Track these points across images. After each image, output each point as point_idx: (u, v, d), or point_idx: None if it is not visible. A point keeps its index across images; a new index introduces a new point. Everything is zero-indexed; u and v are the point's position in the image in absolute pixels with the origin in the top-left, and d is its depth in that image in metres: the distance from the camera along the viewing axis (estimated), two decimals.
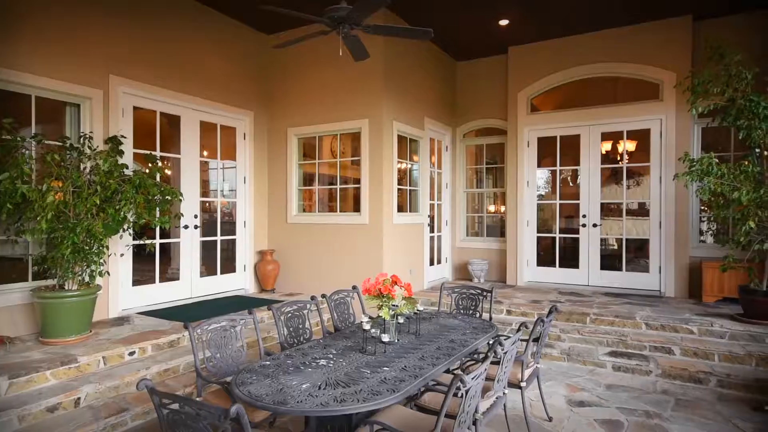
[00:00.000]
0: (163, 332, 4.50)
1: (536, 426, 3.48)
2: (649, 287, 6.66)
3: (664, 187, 6.48)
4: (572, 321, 5.46)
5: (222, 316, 3.10)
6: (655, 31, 6.46)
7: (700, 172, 4.89)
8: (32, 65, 4.46)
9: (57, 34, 4.67)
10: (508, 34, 7.07)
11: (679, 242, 6.42)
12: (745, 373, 4.24)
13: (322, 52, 6.60)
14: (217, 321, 3.03)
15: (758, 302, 4.82)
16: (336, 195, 6.90)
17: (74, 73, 4.78)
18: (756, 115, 4.68)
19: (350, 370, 2.57)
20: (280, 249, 7.05)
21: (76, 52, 4.81)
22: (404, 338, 3.24)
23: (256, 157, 7.03)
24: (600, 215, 7.03)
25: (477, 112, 8.16)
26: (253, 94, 6.94)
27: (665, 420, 3.60)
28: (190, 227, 5.99)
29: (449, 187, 8.30)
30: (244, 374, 2.52)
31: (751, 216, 4.65)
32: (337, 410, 2.09)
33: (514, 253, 7.54)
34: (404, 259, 6.68)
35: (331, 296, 3.98)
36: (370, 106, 6.31)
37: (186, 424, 1.76)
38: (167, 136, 5.97)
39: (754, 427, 3.47)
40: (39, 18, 4.53)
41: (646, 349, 4.80)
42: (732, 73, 4.84)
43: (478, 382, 2.20)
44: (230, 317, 3.12)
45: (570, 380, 4.45)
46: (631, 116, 6.71)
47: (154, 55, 5.55)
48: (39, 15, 4.53)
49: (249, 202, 6.91)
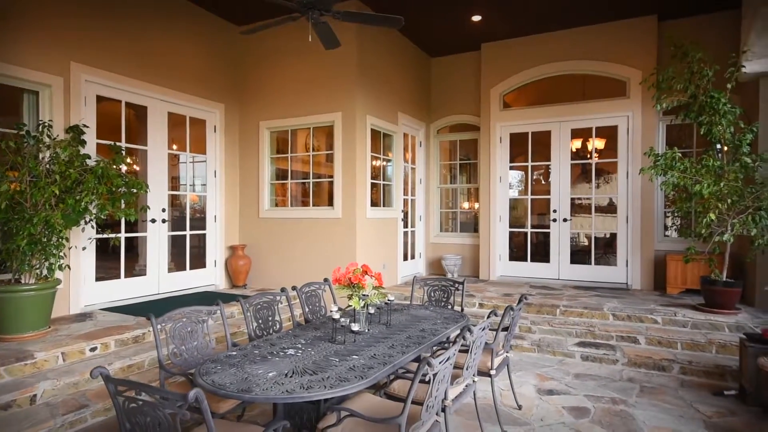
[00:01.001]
0: (128, 327, 4.36)
1: (506, 414, 3.51)
2: (616, 280, 6.83)
3: (631, 182, 6.65)
4: (543, 313, 5.54)
5: (188, 308, 3.01)
6: (623, 30, 6.62)
7: (664, 166, 5.04)
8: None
9: (12, 18, 4.46)
10: (480, 31, 7.13)
11: (644, 236, 6.59)
12: (706, 360, 4.38)
13: (294, 46, 6.52)
14: (182, 312, 2.94)
15: (718, 292, 4.99)
16: (309, 189, 6.83)
17: (32, 59, 4.57)
18: (716, 111, 4.84)
19: (318, 359, 2.53)
20: (252, 244, 6.93)
21: (34, 36, 4.61)
22: (375, 328, 3.22)
23: (227, 151, 6.90)
24: (570, 212, 7.17)
25: (451, 108, 8.21)
26: (224, 87, 6.80)
27: (630, 406, 3.68)
28: (157, 221, 5.82)
29: (423, 183, 8.32)
30: (209, 364, 2.45)
31: (711, 208, 4.81)
32: (303, 397, 2.05)
33: (486, 248, 7.61)
34: (378, 253, 6.66)
35: (302, 288, 3.93)
36: (343, 100, 6.27)
37: (143, 412, 1.69)
38: (133, 128, 5.79)
39: (714, 410, 3.59)
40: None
41: (613, 339, 4.91)
42: (694, 70, 5.00)
43: (446, 367, 2.19)
44: (196, 308, 3.04)
45: (540, 370, 4.51)
46: (599, 113, 6.86)
47: (120, 43, 5.37)
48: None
49: (220, 197, 6.77)
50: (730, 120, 4.86)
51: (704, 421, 3.41)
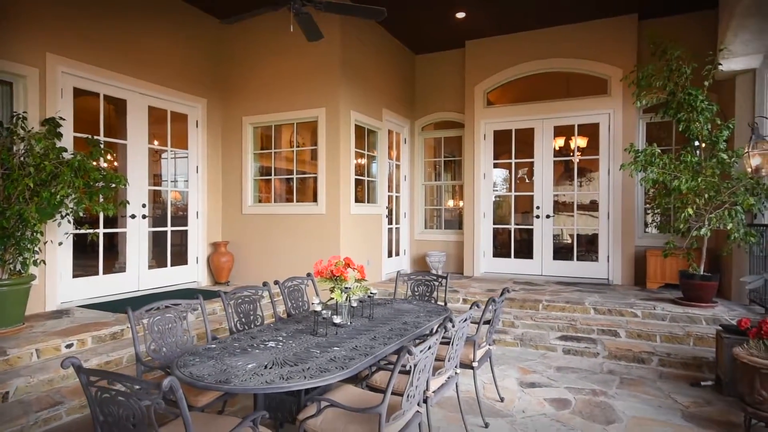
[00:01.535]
0: (106, 324, 4.27)
1: (488, 406, 3.52)
2: (598, 276, 6.92)
3: (612, 179, 6.74)
4: (525, 308, 5.58)
5: (167, 300, 2.96)
6: (604, 29, 6.71)
7: (644, 162, 5.11)
8: None
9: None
10: (465, 28, 7.15)
11: (625, 233, 6.69)
12: (684, 352, 4.46)
13: (277, 41, 6.47)
14: (161, 305, 2.89)
15: (696, 285, 5.09)
16: (293, 185, 6.78)
17: (5, 49, 4.45)
18: (694, 108, 4.93)
19: (299, 351, 2.51)
20: (235, 240, 6.85)
21: (8, 26, 4.48)
22: (357, 321, 3.20)
23: (210, 146, 6.81)
24: (554, 210, 7.24)
25: (435, 105, 8.23)
26: (207, 81, 6.72)
27: (610, 397, 3.73)
28: (137, 216, 5.72)
29: (408, 180, 8.32)
30: (187, 357, 2.41)
31: (689, 203, 4.89)
32: (282, 387, 2.03)
33: (471, 244, 7.65)
34: (362, 249, 6.64)
35: (285, 283, 3.89)
36: (328, 95, 6.23)
37: (117, 402, 1.65)
38: (113, 122, 5.68)
39: (691, 401, 3.65)
40: None
41: (594, 333, 4.97)
42: (673, 67, 5.08)
43: (426, 356, 2.19)
44: (176, 301, 2.99)
45: (522, 364, 4.54)
46: (581, 110, 6.94)
47: (98, 35, 5.26)
48: None
49: (202, 193, 6.68)
50: (708, 117, 4.95)
51: (681, 411, 3.47)
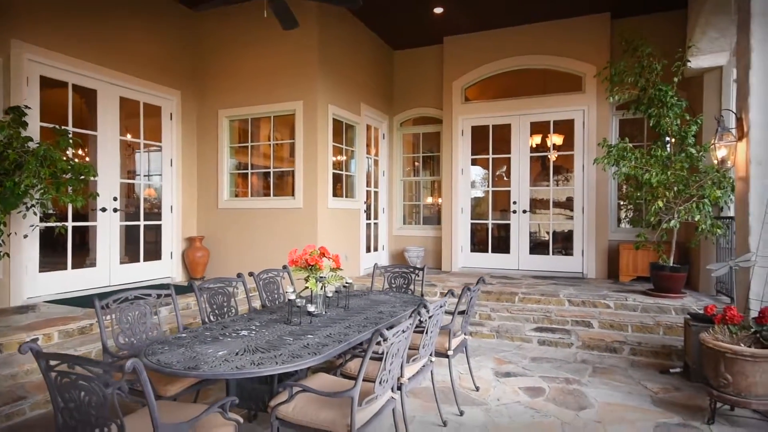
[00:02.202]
0: (74, 318, 4.15)
1: (463, 395, 3.54)
2: (573, 269, 7.03)
3: (586, 175, 6.87)
4: (502, 300, 5.64)
5: (137, 290, 2.89)
6: (578, 27, 6.82)
7: (616, 156, 5.22)
8: None
9: None
10: (443, 24, 7.19)
11: (599, 227, 6.82)
12: (654, 341, 4.56)
13: (254, 33, 6.38)
14: (130, 294, 2.82)
15: (665, 277, 5.22)
16: (270, 179, 6.70)
17: None
18: (664, 104, 5.06)
19: (272, 339, 2.48)
20: (211, 235, 6.74)
21: None
22: (332, 311, 3.18)
23: (185, 139, 6.68)
24: (531, 207, 7.33)
25: (414, 100, 8.24)
26: (181, 73, 6.58)
27: (583, 385, 3.79)
28: (108, 210, 5.57)
29: (386, 175, 8.32)
30: (156, 345, 2.36)
31: (660, 196, 5.02)
32: (253, 372, 2.00)
33: (449, 239, 7.69)
34: (340, 244, 6.61)
35: (260, 275, 3.84)
36: (305, 88, 6.18)
37: (77, 386, 1.60)
38: (83, 112, 5.51)
39: (661, 387, 3.74)
40: None
41: (569, 324, 5.05)
42: (644, 64, 5.20)
43: (399, 340, 2.18)
44: (145, 291, 2.92)
45: (498, 355, 4.58)
46: (556, 107, 7.05)
47: (67, 22, 5.10)
48: None
49: (176, 186, 6.55)
50: (677, 112, 5.09)
51: (651, 397, 3.55)
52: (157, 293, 2.99)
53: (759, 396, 2.95)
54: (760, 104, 3.32)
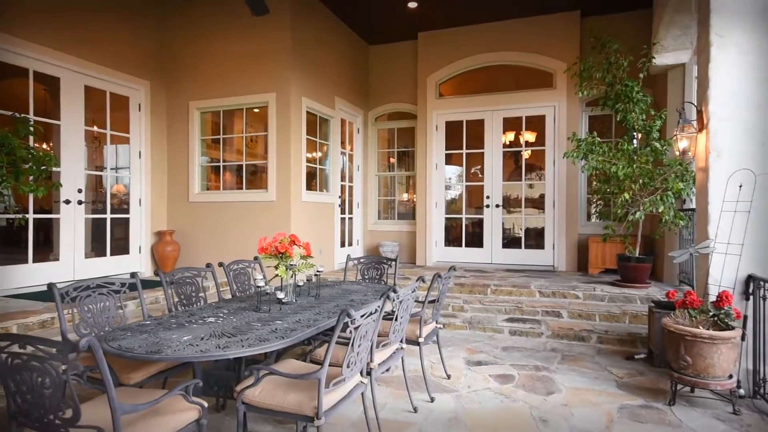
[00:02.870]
0: (34, 312, 4.00)
1: (435, 383, 3.56)
2: (544, 263, 7.16)
3: (557, 169, 7.00)
4: (475, 293, 5.70)
5: (99, 278, 2.80)
6: (549, 24, 6.95)
7: (585, 149, 5.34)
8: None
9: None
10: (417, 20, 7.21)
11: (569, 221, 6.97)
12: (620, 329, 4.69)
13: (225, 23, 6.29)
14: (92, 282, 2.73)
15: (631, 267, 5.37)
16: (243, 172, 6.60)
17: None
18: (630, 99, 5.20)
19: (240, 325, 2.44)
20: (181, 229, 6.60)
21: None
22: (303, 300, 3.16)
23: (154, 131, 6.52)
24: (504, 202, 7.43)
25: (389, 96, 8.25)
26: (150, 63, 6.42)
27: (551, 372, 3.86)
28: (72, 202, 5.39)
29: (361, 170, 8.31)
30: (118, 332, 2.29)
31: (626, 189, 5.16)
32: (218, 355, 1.96)
33: (423, 234, 7.73)
34: (314, 238, 6.55)
35: (230, 266, 3.78)
36: (278, 80, 6.11)
37: (29, 367, 1.54)
38: (46, 101, 5.32)
39: (626, 372, 3.85)
40: None
41: (539, 314, 5.14)
42: (611, 60, 5.33)
43: (367, 322, 2.18)
44: (109, 280, 2.84)
45: (470, 345, 4.63)
46: (528, 103, 7.16)
47: (27, 6, 4.91)
48: None
49: (145, 179, 6.39)
50: (642, 108, 5.23)
51: (616, 381, 3.64)
52: (121, 282, 2.91)
53: (716, 377, 3.06)
54: (719, 97, 3.44)
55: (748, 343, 3.26)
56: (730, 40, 3.39)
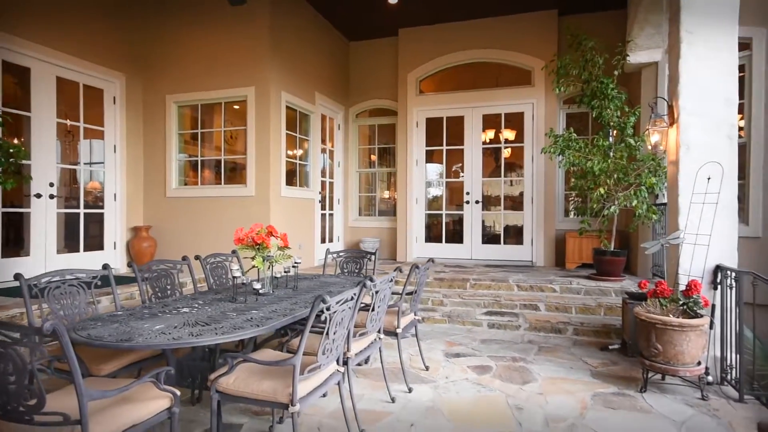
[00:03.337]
0: (2, 307, 3.88)
1: (413, 374, 3.58)
2: (523, 258, 7.25)
3: (535, 166, 7.10)
4: (454, 287, 5.74)
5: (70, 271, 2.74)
6: (528, 22, 7.04)
7: (562, 145, 5.42)
8: None
9: None
10: (398, 16, 7.22)
11: (547, 217, 7.07)
12: (596, 321, 4.78)
13: (202, 16, 6.21)
14: (62, 273, 2.67)
15: (607, 261, 5.48)
16: (221, 167, 6.52)
17: None
18: (606, 96, 5.30)
19: (215, 314, 2.41)
20: (158, 225, 6.49)
21: None
22: (281, 291, 3.14)
23: (130, 125, 6.39)
24: (484, 200, 7.49)
25: (369, 92, 8.25)
26: (126, 56, 6.29)
27: (528, 362, 3.91)
28: (44, 196, 5.25)
29: (341, 166, 8.28)
30: (87, 322, 2.24)
31: (601, 184, 5.26)
32: (191, 342, 1.94)
33: (404, 230, 7.74)
34: (294, 233, 6.50)
35: (207, 259, 3.74)
36: (257, 74, 6.05)
37: None
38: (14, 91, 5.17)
39: (600, 362, 3.93)
40: None
41: (517, 308, 5.20)
42: (587, 57, 5.43)
43: (343, 309, 2.18)
44: (80, 270, 2.77)
45: (449, 338, 4.66)
46: (507, 100, 7.24)
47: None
48: None
49: (120, 174, 6.26)
50: (617, 105, 5.34)
51: (590, 371, 3.72)
52: (92, 274, 2.85)
53: (686, 364, 3.14)
54: (689, 92, 3.54)
55: (715, 331, 3.36)
56: (699, 37, 3.48)
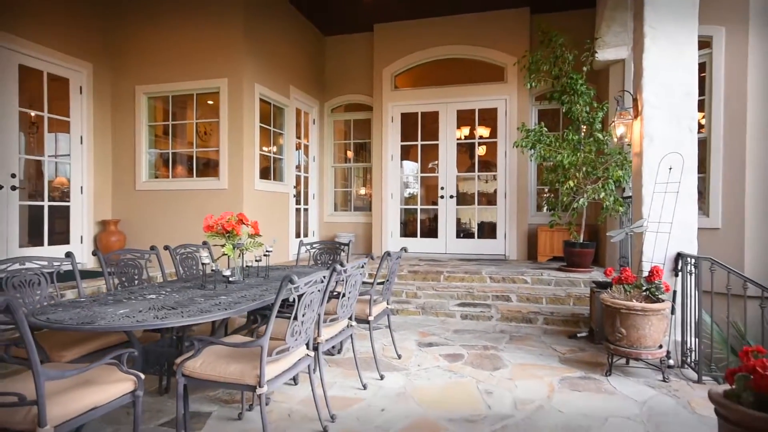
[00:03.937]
0: None
1: (385, 362, 3.60)
2: (496, 252, 7.36)
3: (508, 161, 7.21)
4: (428, 279, 5.79)
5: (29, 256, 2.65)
6: (502, 20, 7.15)
7: (533, 139, 5.53)
8: None
9: None
10: (373, 11, 7.24)
11: (520, 211, 7.19)
12: (565, 311, 4.89)
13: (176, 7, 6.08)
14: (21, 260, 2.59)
15: (576, 253, 5.62)
16: (193, 159, 6.41)
17: None
18: (575, 91, 5.43)
19: (182, 300, 2.38)
20: (127, 219, 6.34)
21: None
22: (252, 279, 3.11)
23: (97, 116, 6.21)
24: (458, 197, 7.57)
25: (345, 87, 8.23)
26: (93, 45, 6.12)
27: (499, 351, 3.98)
28: (5, 188, 5.07)
29: (317, 161, 8.25)
30: (48, 307, 2.18)
31: (571, 177, 5.38)
32: (155, 324, 1.91)
33: (379, 225, 7.76)
34: (268, 228, 6.43)
35: (177, 249, 3.68)
36: (230, 65, 5.97)
37: None
38: None
39: (568, 349, 4.03)
40: None
41: (490, 299, 5.28)
42: (558, 54, 5.55)
43: (312, 291, 2.18)
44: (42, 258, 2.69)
45: (422, 329, 4.70)
46: (481, 96, 7.34)
47: None
48: None
49: (87, 166, 6.09)
50: (586, 100, 5.48)
51: (558, 357, 3.81)
52: (55, 262, 2.78)
53: (648, 347, 3.25)
54: (652, 86, 3.65)
55: (676, 316, 3.48)
56: (661, 32, 3.60)
